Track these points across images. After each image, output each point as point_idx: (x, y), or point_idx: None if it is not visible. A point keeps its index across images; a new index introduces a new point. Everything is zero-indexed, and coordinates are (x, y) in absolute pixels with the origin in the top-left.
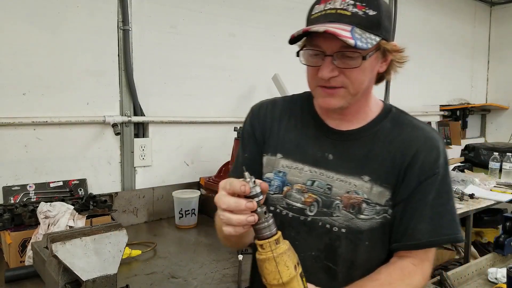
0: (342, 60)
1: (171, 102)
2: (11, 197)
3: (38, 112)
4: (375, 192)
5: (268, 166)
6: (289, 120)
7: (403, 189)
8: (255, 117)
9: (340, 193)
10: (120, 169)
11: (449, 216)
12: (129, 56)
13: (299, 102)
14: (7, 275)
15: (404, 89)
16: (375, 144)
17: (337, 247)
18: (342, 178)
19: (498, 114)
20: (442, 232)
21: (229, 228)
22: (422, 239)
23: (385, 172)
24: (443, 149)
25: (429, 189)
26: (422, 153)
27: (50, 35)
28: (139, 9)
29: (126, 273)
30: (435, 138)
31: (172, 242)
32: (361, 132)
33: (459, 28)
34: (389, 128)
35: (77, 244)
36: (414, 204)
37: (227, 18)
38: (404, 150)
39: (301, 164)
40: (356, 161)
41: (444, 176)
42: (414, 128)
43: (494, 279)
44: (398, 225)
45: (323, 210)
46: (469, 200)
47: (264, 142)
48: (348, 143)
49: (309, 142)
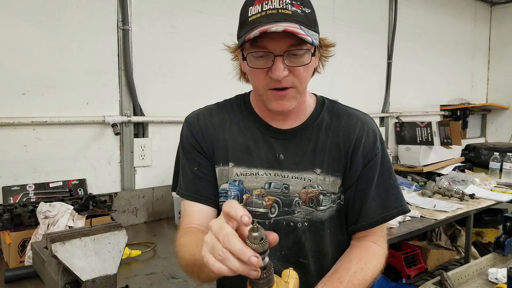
0: (290, 59)
1: (171, 102)
2: (11, 197)
3: (37, 112)
4: (328, 182)
5: (222, 177)
6: (231, 126)
7: (352, 174)
8: (195, 129)
9: (297, 190)
10: (120, 169)
11: (394, 190)
12: (128, 56)
13: (236, 107)
14: (6, 275)
15: (404, 89)
16: (319, 136)
17: (304, 241)
18: (297, 175)
19: (498, 114)
20: (391, 206)
21: (222, 267)
22: (375, 216)
23: (333, 162)
24: (378, 131)
25: (373, 170)
26: (362, 138)
27: (49, 34)
28: (139, 9)
29: (125, 273)
30: (369, 122)
31: (172, 242)
32: (304, 127)
33: (459, 28)
34: (328, 119)
35: (77, 244)
36: (362, 185)
37: (227, 18)
38: (346, 137)
39: (255, 169)
40: (306, 156)
41: (383, 155)
42: (350, 116)
43: (495, 279)
44: (351, 208)
45: (284, 210)
46: (470, 200)
47: (213, 153)
48: (295, 141)
49: (258, 146)
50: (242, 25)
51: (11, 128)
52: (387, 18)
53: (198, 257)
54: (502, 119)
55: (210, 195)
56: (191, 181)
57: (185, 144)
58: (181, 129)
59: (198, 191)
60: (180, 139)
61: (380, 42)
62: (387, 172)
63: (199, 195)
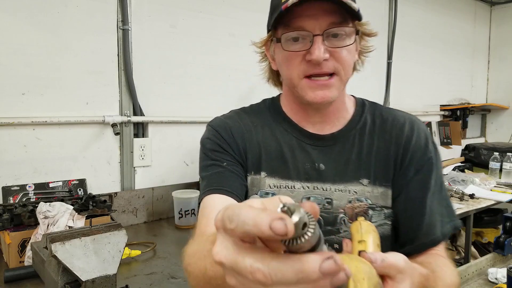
0: (331, 41)
1: (171, 102)
2: (11, 197)
3: (37, 112)
4: (377, 194)
5: (252, 187)
6: (263, 129)
7: (401, 181)
8: (224, 130)
9: (342, 205)
10: (120, 169)
11: (447, 200)
12: (128, 56)
13: (265, 110)
14: (6, 275)
15: (404, 89)
16: (363, 141)
17: None
18: (341, 188)
19: (498, 114)
20: (447, 220)
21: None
22: (435, 233)
23: (382, 170)
24: (428, 131)
25: (427, 177)
26: (412, 140)
27: (49, 34)
28: (139, 8)
29: (125, 273)
30: (418, 122)
31: (171, 242)
32: (346, 132)
33: (459, 28)
34: (371, 122)
35: (77, 244)
36: (416, 193)
37: (227, 18)
38: (394, 141)
39: (290, 181)
40: (350, 164)
41: (437, 160)
42: (396, 117)
43: (494, 279)
44: (404, 223)
45: (327, 229)
46: (469, 200)
47: (246, 158)
48: (337, 147)
49: (293, 154)
50: (274, 9)
51: (11, 128)
52: (387, 17)
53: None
54: (502, 119)
55: (237, 189)
56: (214, 176)
57: (210, 146)
58: (202, 137)
59: (222, 183)
60: (202, 145)
61: (380, 42)
62: (440, 180)
63: (222, 187)
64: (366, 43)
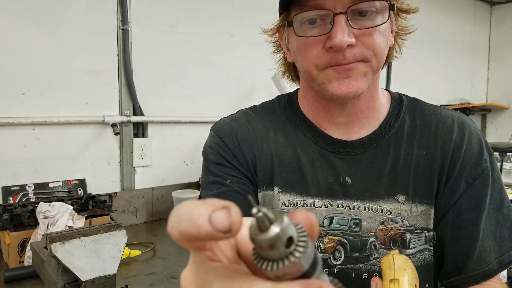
0: (356, 21)
1: (171, 102)
2: (10, 197)
3: (37, 112)
4: (416, 213)
5: (265, 206)
6: (276, 136)
7: (448, 199)
8: (229, 138)
9: (372, 227)
10: (120, 169)
11: (508, 222)
12: (128, 56)
13: (280, 110)
14: (6, 275)
15: (404, 89)
16: (400, 149)
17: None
18: (371, 206)
19: (498, 114)
20: (506, 245)
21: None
22: (490, 261)
23: (423, 184)
24: (481, 135)
25: (481, 193)
26: (462, 147)
27: (49, 34)
28: (139, 8)
29: (125, 274)
30: (470, 124)
31: (171, 242)
32: (379, 137)
33: (459, 28)
34: (410, 123)
35: (76, 244)
36: (466, 215)
37: (227, 18)
38: (440, 147)
39: (309, 198)
40: (383, 178)
41: (493, 171)
42: (442, 117)
43: None
44: (451, 250)
45: (354, 255)
46: None
47: (255, 171)
48: (367, 156)
49: (313, 165)
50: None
51: (11, 128)
52: None
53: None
54: (502, 119)
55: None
56: (217, 195)
57: (212, 158)
58: (204, 144)
59: None
60: (204, 155)
61: None
62: (499, 195)
63: None
64: (404, 22)
